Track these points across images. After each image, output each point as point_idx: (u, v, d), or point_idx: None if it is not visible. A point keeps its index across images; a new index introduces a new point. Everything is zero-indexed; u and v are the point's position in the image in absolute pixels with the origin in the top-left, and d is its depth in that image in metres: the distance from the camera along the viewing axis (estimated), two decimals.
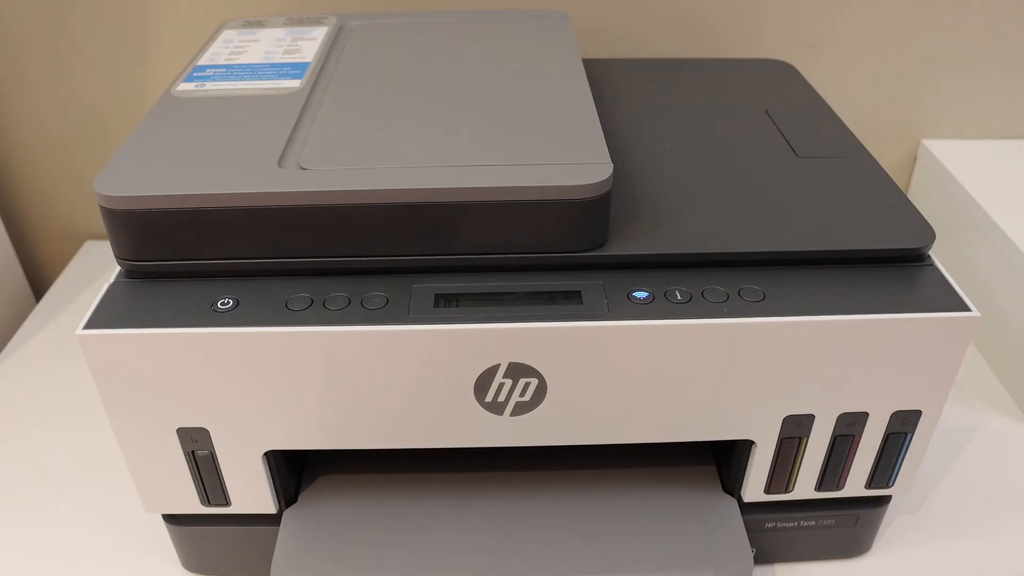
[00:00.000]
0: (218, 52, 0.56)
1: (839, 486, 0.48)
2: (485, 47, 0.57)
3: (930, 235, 0.45)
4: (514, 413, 0.43)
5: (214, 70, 0.53)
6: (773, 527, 0.51)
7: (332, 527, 0.49)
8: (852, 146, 0.54)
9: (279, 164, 0.42)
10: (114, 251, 0.43)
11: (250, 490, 0.47)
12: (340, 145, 0.45)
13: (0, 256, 0.82)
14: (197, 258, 0.42)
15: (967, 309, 0.41)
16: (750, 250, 0.44)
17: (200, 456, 0.45)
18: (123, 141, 0.45)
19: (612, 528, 0.49)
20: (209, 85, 0.51)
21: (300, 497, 0.51)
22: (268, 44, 0.57)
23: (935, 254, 0.45)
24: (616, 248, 0.43)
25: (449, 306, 0.41)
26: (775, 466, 0.47)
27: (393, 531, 0.49)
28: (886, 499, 0.51)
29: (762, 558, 0.53)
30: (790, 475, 0.47)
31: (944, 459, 0.61)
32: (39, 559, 0.54)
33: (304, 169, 0.42)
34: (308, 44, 0.57)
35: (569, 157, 0.43)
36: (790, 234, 0.45)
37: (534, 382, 0.42)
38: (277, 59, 0.55)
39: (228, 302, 0.41)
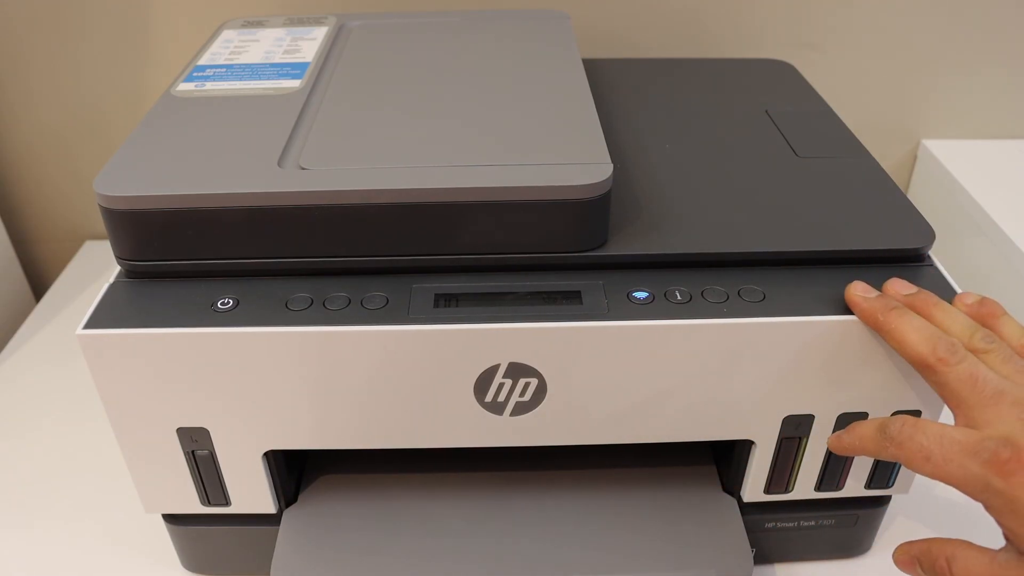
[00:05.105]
0: (218, 52, 0.56)
1: (839, 486, 0.48)
2: (485, 47, 0.57)
3: (930, 235, 0.45)
4: (514, 413, 0.43)
5: (214, 70, 0.53)
6: (773, 527, 0.51)
7: (332, 527, 0.49)
8: (852, 146, 0.54)
9: (279, 164, 0.42)
10: (114, 251, 0.43)
11: (250, 490, 0.47)
12: (340, 145, 0.45)
13: (0, 256, 0.82)
14: (197, 258, 0.42)
15: None
16: (750, 250, 0.44)
17: (200, 456, 0.45)
18: (123, 141, 0.45)
19: (612, 528, 0.49)
20: (209, 85, 0.51)
21: (300, 497, 0.51)
22: (268, 44, 0.57)
23: (935, 254, 0.45)
24: (616, 248, 0.43)
25: (449, 306, 0.41)
26: (775, 466, 0.47)
27: (393, 531, 0.49)
28: (886, 499, 0.51)
29: (762, 558, 0.53)
30: (790, 475, 0.47)
31: None
32: (38, 559, 0.54)
33: (304, 169, 0.42)
34: (308, 44, 0.57)
35: (569, 157, 0.43)
36: (790, 234, 0.45)
37: (534, 382, 0.42)
38: (277, 59, 0.55)
39: (228, 302, 0.41)
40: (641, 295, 0.42)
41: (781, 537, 0.52)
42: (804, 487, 0.48)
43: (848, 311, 0.41)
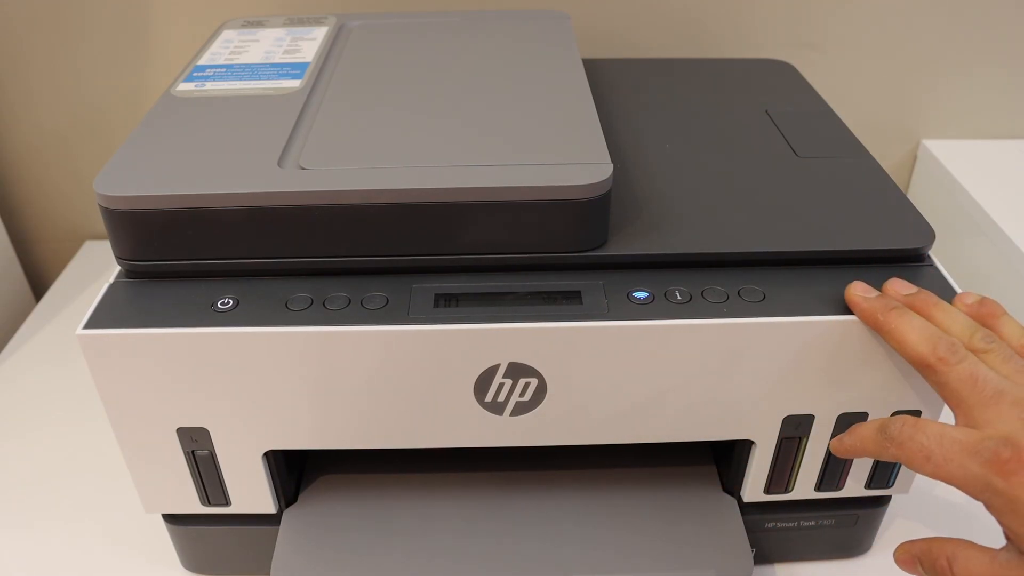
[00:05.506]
0: (218, 52, 0.56)
1: (839, 486, 0.48)
2: (485, 47, 0.57)
3: (930, 235, 0.45)
4: (514, 413, 0.43)
5: (214, 70, 0.53)
6: (773, 527, 0.51)
7: (332, 527, 0.49)
8: (852, 146, 0.54)
9: (279, 164, 0.42)
10: (114, 251, 0.43)
11: (250, 490, 0.47)
12: (340, 145, 0.45)
13: (0, 256, 0.82)
14: (197, 258, 0.42)
15: None
16: (750, 250, 0.44)
17: (200, 456, 0.45)
18: (123, 141, 0.45)
19: (612, 528, 0.49)
20: (209, 85, 0.51)
21: (300, 497, 0.51)
22: (268, 44, 0.57)
23: (935, 254, 0.45)
24: (616, 248, 0.43)
25: (449, 306, 0.41)
26: (775, 466, 0.47)
27: (393, 531, 0.49)
28: (886, 499, 0.51)
29: (762, 558, 0.53)
30: (790, 475, 0.47)
31: None
32: (38, 559, 0.54)
33: (304, 169, 0.42)
34: (308, 44, 0.57)
35: (569, 157, 0.43)
36: (790, 234, 0.45)
37: (534, 382, 0.42)
38: (277, 59, 0.55)
39: (228, 302, 0.41)
40: (641, 295, 0.42)
41: (781, 537, 0.52)
42: (804, 487, 0.48)
43: (848, 311, 0.41)
